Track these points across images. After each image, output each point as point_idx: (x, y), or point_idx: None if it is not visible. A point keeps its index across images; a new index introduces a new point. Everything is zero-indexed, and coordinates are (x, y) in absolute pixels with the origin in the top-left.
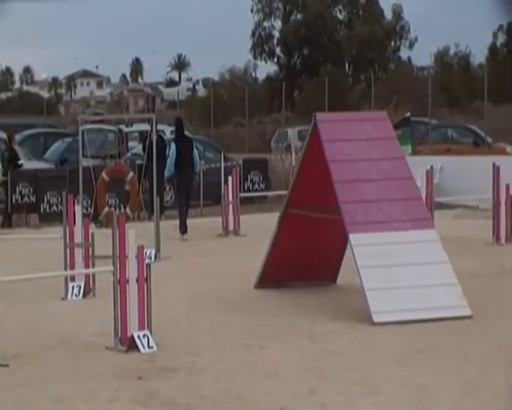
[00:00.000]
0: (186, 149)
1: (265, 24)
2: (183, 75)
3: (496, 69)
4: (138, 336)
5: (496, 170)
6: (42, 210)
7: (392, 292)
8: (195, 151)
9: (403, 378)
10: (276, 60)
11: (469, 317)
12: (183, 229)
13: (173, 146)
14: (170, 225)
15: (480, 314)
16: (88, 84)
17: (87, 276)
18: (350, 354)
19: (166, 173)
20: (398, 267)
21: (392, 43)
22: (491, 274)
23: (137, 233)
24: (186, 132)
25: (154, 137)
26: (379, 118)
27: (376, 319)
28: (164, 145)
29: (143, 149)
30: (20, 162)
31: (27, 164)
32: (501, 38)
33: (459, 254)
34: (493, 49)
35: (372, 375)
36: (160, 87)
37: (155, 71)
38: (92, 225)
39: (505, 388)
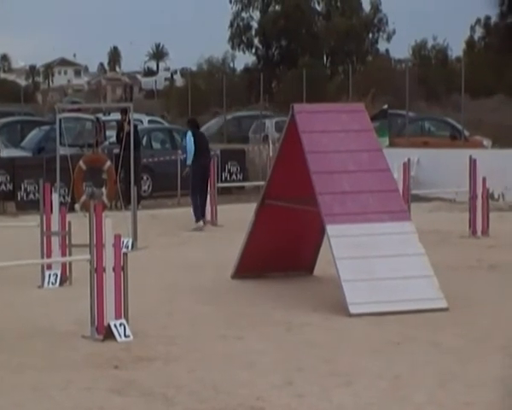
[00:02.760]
0: (202, 139)
1: (244, 14)
2: (161, 65)
3: (473, 62)
4: (115, 325)
5: (472, 163)
6: (19, 198)
7: (368, 284)
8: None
9: (378, 369)
10: (254, 51)
11: (445, 309)
12: (198, 216)
13: (189, 133)
14: (146, 215)
15: (457, 307)
16: (66, 72)
17: (64, 264)
18: (326, 345)
19: (188, 161)
20: (375, 259)
21: (370, 35)
22: (468, 267)
23: (114, 222)
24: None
25: (132, 127)
26: (356, 110)
27: (353, 310)
28: (138, 135)
29: (117, 139)
30: None
31: (4, 152)
32: (478, 32)
33: (436, 247)
34: (471, 43)
35: (348, 366)
36: (138, 76)
37: (133, 60)
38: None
39: (479, 379)
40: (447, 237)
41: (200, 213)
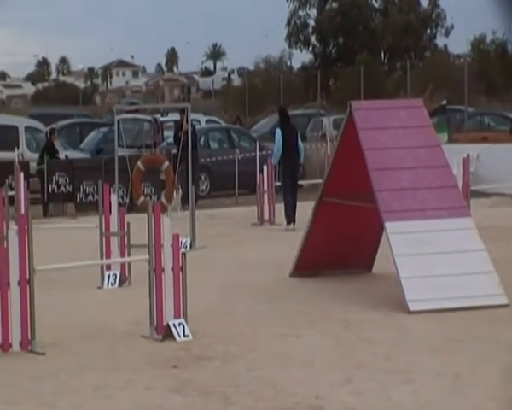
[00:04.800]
0: (291, 137)
1: (300, 13)
2: (219, 65)
3: None
4: (174, 325)
5: None
6: (78, 200)
7: (427, 280)
8: (300, 142)
9: (438, 367)
10: (311, 49)
11: (506, 305)
12: (289, 218)
13: (279, 132)
14: (204, 215)
15: None
16: (123, 74)
17: (123, 265)
18: (385, 343)
19: (274, 160)
20: (434, 255)
21: (428, 30)
22: None
23: (173, 222)
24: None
25: (190, 127)
26: (415, 106)
27: (412, 307)
28: (195, 135)
29: (174, 139)
30: (57, 156)
31: (63, 154)
32: None
33: (495, 242)
34: None
35: (407, 363)
36: (196, 77)
37: (190, 60)
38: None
39: None
40: (507, 233)
41: (290, 216)
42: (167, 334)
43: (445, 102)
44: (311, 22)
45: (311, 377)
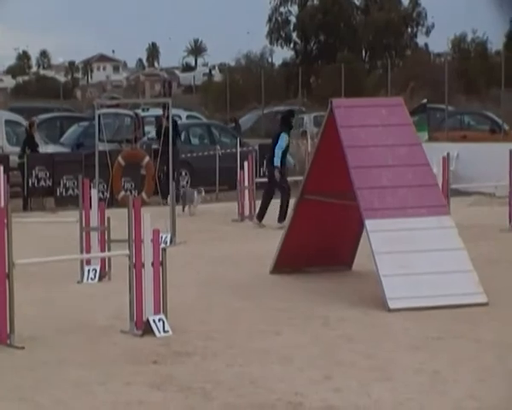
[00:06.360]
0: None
1: (282, 9)
2: (200, 60)
3: None
4: (154, 320)
5: None
6: (58, 194)
7: (407, 278)
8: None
9: (417, 365)
10: (292, 45)
11: (485, 304)
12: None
13: (286, 136)
14: (185, 210)
15: (496, 301)
16: (104, 68)
17: (103, 260)
18: (365, 340)
19: (276, 163)
20: (414, 254)
21: (409, 29)
22: (508, 261)
23: (153, 217)
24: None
25: (171, 122)
26: (395, 104)
27: (392, 305)
28: (177, 130)
29: (157, 134)
30: (37, 149)
31: (43, 148)
32: None
33: (475, 241)
34: (511, 36)
35: (387, 361)
36: (177, 72)
37: (172, 56)
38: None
39: None
40: (487, 232)
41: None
42: (147, 329)
43: (425, 100)
44: (293, 19)
45: (290, 374)
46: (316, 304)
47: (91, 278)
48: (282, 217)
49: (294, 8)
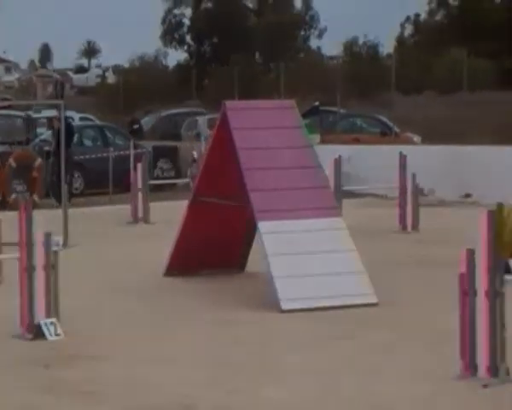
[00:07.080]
0: None
1: (176, 11)
2: (93, 62)
3: (404, 59)
4: (45, 324)
5: (402, 159)
6: None
7: (299, 280)
8: None
9: (309, 365)
10: (186, 48)
11: (375, 304)
12: None
13: None
14: (78, 212)
15: (386, 302)
16: None
17: None
18: (256, 342)
19: None
20: (306, 255)
21: (302, 32)
22: (398, 262)
23: (45, 220)
24: None
25: (63, 124)
26: (287, 106)
27: (284, 306)
28: (71, 132)
29: (53, 135)
30: None
31: None
32: (408, 29)
33: (366, 243)
34: (401, 40)
35: (279, 362)
36: (70, 73)
37: (65, 57)
38: None
39: (405, 373)
40: (378, 233)
41: None
42: (38, 333)
43: (317, 103)
44: (186, 21)
45: (182, 376)
46: (207, 306)
47: None
48: None
49: (188, 11)
